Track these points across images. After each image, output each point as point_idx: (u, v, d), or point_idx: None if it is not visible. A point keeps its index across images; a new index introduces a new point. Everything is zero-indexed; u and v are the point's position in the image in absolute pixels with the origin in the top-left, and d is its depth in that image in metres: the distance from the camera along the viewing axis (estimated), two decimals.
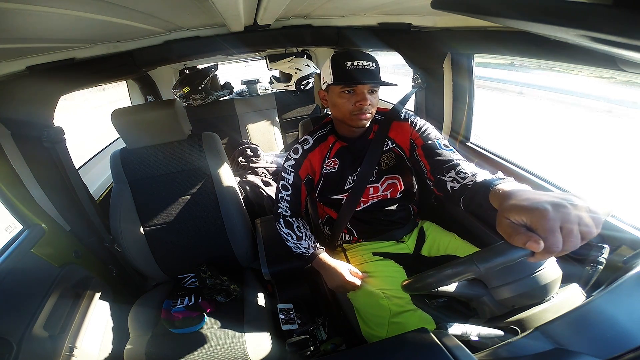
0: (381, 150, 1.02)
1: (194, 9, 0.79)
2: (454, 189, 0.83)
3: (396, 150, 1.04)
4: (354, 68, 0.87)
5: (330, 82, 0.92)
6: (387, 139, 1.03)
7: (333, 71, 0.90)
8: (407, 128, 1.01)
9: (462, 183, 0.81)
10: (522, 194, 0.48)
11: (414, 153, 0.99)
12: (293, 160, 1.04)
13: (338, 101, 0.93)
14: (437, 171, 0.90)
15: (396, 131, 1.03)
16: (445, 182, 0.86)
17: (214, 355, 0.99)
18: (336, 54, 0.92)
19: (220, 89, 2.45)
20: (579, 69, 0.85)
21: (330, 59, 0.92)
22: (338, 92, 0.92)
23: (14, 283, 0.93)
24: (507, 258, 0.44)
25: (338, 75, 0.90)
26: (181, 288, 1.27)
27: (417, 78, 1.32)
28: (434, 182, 0.92)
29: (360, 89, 0.90)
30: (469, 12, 0.47)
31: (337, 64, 0.90)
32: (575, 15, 0.34)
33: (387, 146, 1.03)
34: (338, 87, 0.91)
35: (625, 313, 0.45)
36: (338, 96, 0.92)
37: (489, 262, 0.46)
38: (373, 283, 0.96)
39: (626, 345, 0.41)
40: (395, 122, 1.03)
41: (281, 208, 1.07)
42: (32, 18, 0.56)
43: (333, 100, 0.95)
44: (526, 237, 0.41)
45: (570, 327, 0.45)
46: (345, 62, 0.88)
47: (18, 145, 1.06)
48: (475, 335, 0.54)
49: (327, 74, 0.94)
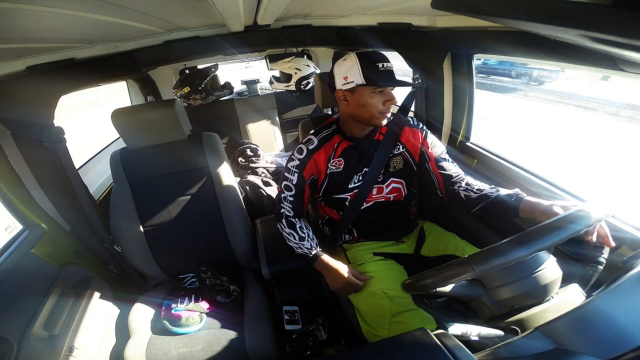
0: (391, 151, 1.03)
1: (194, 9, 0.79)
2: (470, 197, 0.95)
3: (405, 154, 1.06)
4: (385, 69, 0.90)
5: (361, 83, 0.91)
6: (399, 142, 1.05)
7: (363, 73, 0.90)
8: (418, 136, 1.04)
9: (482, 193, 0.93)
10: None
11: (427, 165, 1.04)
12: (297, 160, 1.04)
13: (369, 101, 0.93)
14: (449, 184, 1.01)
15: (407, 136, 1.05)
16: (458, 192, 0.98)
17: (213, 355, 0.99)
18: (362, 54, 0.92)
19: (220, 89, 2.45)
20: (580, 69, 0.85)
21: (358, 60, 0.91)
22: (369, 93, 0.93)
23: (14, 283, 0.93)
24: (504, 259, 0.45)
25: (371, 77, 0.90)
26: (181, 288, 1.27)
27: (417, 78, 1.32)
28: (445, 193, 1.02)
29: (388, 89, 0.93)
30: (469, 12, 0.47)
31: (368, 66, 0.90)
32: (575, 15, 0.34)
33: (398, 150, 1.05)
34: (369, 88, 0.92)
35: (625, 313, 0.45)
36: (369, 97, 0.93)
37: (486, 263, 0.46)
38: (374, 283, 0.96)
39: (626, 345, 0.41)
40: (407, 127, 1.05)
41: (284, 208, 1.07)
42: (32, 18, 0.56)
43: (362, 100, 0.94)
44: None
45: (570, 327, 0.45)
46: (376, 64, 0.90)
47: (18, 146, 1.06)
48: (475, 335, 0.54)
49: (353, 74, 0.91)
